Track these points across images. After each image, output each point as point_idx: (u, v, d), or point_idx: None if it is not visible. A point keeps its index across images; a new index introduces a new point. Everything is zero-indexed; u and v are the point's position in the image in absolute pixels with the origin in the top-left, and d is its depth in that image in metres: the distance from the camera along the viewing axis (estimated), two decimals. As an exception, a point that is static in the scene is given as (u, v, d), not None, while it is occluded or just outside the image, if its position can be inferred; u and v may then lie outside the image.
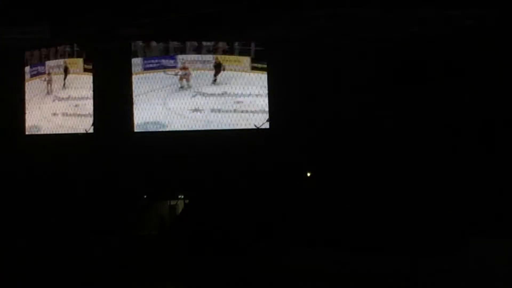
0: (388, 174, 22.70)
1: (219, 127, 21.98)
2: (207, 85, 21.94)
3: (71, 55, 21.98)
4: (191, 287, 22.41)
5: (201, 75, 21.92)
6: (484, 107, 22.35)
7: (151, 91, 21.65)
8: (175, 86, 21.82)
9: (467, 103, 22.64)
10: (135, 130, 21.68)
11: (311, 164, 24.91)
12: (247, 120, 22.27)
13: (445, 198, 20.92)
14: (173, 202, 26.95)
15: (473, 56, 22.06)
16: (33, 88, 22.64)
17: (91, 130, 21.92)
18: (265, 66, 22.25)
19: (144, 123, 21.76)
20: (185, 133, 21.83)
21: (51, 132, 22.29)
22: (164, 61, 21.73)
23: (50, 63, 22.05)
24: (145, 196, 26.77)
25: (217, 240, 23.26)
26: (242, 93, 22.23)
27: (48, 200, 24.58)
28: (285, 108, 22.81)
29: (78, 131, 21.98)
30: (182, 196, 26.75)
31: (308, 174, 25.28)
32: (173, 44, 21.57)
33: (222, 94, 22.15)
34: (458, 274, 17.70)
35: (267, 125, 22.47)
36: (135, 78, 21.37)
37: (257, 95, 22.47)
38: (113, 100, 21.69)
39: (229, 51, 21.97)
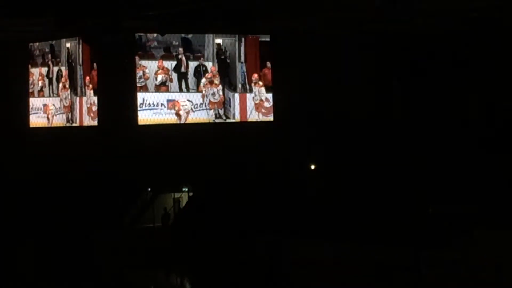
0: (391, 167, 22.76)
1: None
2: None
3: None
4: (194, 279, 22.53)
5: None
6: (490, 100, 22.43)
7: None
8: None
9: (472, 96, 22.71)
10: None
11: (315, 157, 24.96)
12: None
13: (449, 191, 20.97)
14: (177, 195, 27.07)
15: (479, 49, 22.11)
16: None
17: (96, 123, 21.89)
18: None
19: None
20: (189, 126, 21.82)
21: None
22: None
23: None
24: (149, 189, 26.88)
25: (220, 233, 23.33)
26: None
27: (52, 193, 24.71)
28: (290, 101, 22.79)
29: None
30: (186, 189, 26.84)
31: (312, 167, 25.34)
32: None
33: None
34: (461, 266, 17.73)
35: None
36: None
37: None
38: (117, 93, 21.66)
39: None
